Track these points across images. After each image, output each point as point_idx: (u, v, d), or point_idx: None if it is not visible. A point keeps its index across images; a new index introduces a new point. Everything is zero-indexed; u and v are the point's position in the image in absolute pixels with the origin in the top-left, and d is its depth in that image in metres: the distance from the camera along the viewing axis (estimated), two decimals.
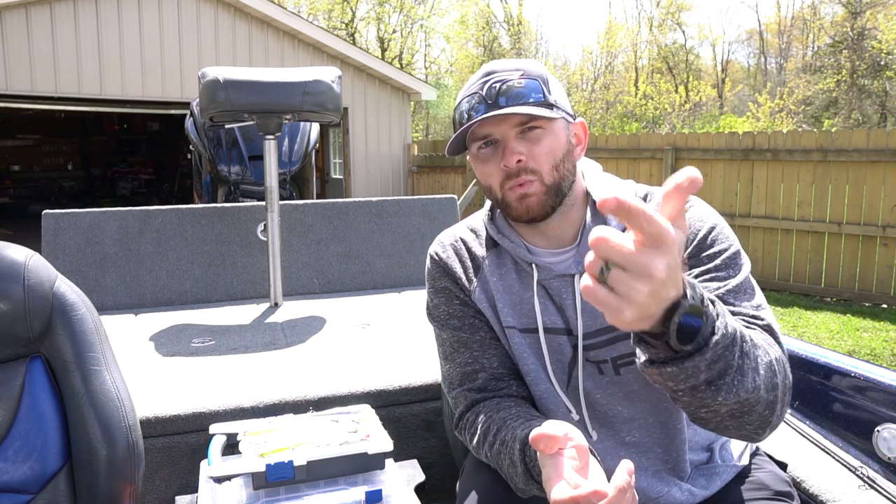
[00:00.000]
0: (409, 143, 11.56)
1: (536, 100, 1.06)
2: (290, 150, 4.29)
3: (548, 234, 1.14)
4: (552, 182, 1.08)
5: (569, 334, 1.12)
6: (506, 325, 1.15)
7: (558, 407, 1.13)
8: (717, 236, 1.06)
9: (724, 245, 1.06)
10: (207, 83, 2.50)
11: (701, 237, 1.06)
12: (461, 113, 1.10)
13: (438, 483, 1.78)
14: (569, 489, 0.78)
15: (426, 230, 3.17)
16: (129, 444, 1.14)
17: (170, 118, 11.78)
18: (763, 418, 0.87)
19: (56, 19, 8.85)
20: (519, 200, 1.08)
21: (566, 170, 1.10)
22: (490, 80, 1.07)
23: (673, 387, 0.77)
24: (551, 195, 1.08)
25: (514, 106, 1.05)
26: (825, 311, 5.98)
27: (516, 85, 1.06)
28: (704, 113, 20.82)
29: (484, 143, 1.10)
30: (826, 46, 20.38)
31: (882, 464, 1.30)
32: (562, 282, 1.12)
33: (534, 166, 1.06)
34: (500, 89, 1.06)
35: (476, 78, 1.11)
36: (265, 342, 2.26)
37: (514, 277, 1.16)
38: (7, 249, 1.11)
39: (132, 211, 2.85)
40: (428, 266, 1.24)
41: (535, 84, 1.07)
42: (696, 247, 1.06)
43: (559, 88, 1.12)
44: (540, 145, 1.06)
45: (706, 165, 7.26)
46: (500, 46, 24.42)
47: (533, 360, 1.14)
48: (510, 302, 1.15)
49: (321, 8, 22.78)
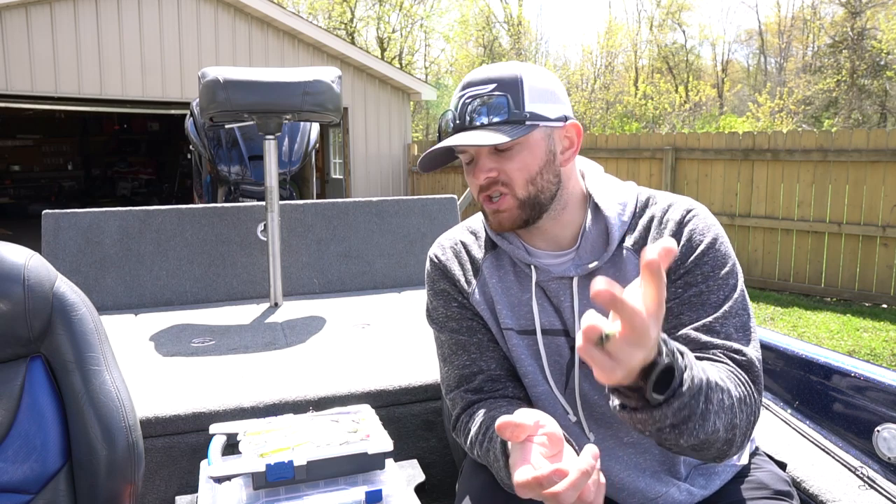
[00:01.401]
0: (409, 143, 11.56)
1: (503, 118, 1.04)
2: (290, 150, 4.29)
3: (544, 235, 1.14)
4: (525, 197, 1.07)
5: (566, 336, 1.12)
6: (504, 327, 1.15)
7: (556, 408, 1.13)
8: (715, 254, 1.06)
9: (721, 262, 1.06)
10: (207, 83, 2.50)
11: (699, 253, 1.06)
12: (440, 127, 1.12)
13: (438, 483, 1.78)
14: (532, 471, 0.78)
15: (426, 230, 3.17)
16: (129, 444, 1.14)
17: (170, 118, 11.79)
18: (721, 451, 0.93)
19: (56, 19, 8.85)
20: (493, 214, 1.10)
21: (545, 181, 1.08)
22: (464, 97, 1.07)
23: (641, 428, 0.83)
24: (525, 209, 1.08)
25: (478, 130, 1.04)
26: (825, 311, 5.98)
27: (487, 101, 1.05)
28: (704, 113, 20.82)
29: (465, 157, 1.11)
30: (826, 46, 20.39)
31: (882, 464, 1.30)
32: (560, 284, 1.12)
33: (505, 179, 1.06)
34: (470, 109, 1.06)
35: (457, 90, 1.11)
36: (265, 342, 2.26)
37: (512, 279, 1.16)
38: (7, 249, 1.11)
39: (132, 211, 2.85)
40: (427, 268, 1.24)
41: (504, 101, 1.04)
42: (693, 261, 1.06)
43: (543, 93, 1.07)
44: (512, 161, 1.06)
45: (706, 165, 7.26)
46: (500, 46, 24.41)
47: (530, 361, 1.14)
48: (508, 303, 1.15)
49: (321, 7, 22.77)
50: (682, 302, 1.05)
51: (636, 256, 1.09)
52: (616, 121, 20.76)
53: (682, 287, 1.05)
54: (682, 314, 1.05)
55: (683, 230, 1.08)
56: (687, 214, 1.10)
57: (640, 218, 1.13)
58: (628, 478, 1.10)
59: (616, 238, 1.10)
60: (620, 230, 1.11)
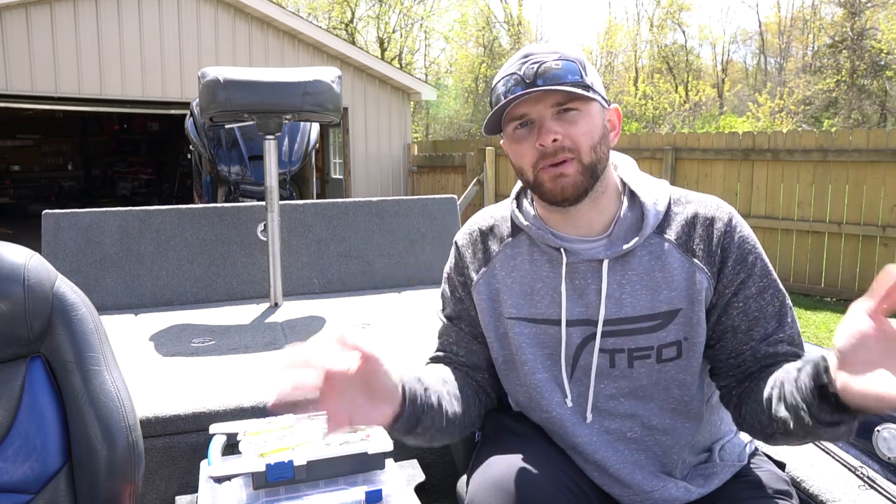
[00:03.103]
0: (409, 143, 11.56)
1: (573, 81, 1.06)
2: (290, 150, 4.29)
3: (577, 221, 1.13)
4: (589, 162, 1.07)
5: (583, 324, 1.12)
6: (508, 316, 1.15)
7: (553, 395, 1.13)
8: (763, 263, 1.12)
9: (767, 268, 1.12)
10: (207, 83, 2.50)
11: (750, 263, 1.11)
12: (497, 95, 1.10)
13: (438, 483, 1.78)
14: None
15: (426, 230, 3.17)
16: (129, 444, 1.14)
17: (170, 118, 11.79)
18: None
19: (56, 19, 8.84)
20: (553, 180, 1.07)
21: (602, 153, 1.10)
22: (528, 62, 1.07)
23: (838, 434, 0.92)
24: (587, 176, 1.07)
25: (552, 86, 1.05)
26: (825, 311, 5.98)
27: (554, 66, 1.05)
28: (704, 113, 20.81)
29: (520, 124, 1.09)
30: (826, 46, 20.38)
31: (882, 464, 1.30)
32: (588, 266, 1.11)
33: (570, 145, 1.06)
34: (538, 70, 1.05)
35: (514, 60, 1.10)
36: (265, 342, 2.26)
37: (527, 268, 1.16)
38: (7, 249, 1.11)
39: (132, 211, 2.85)
40: (452, 250, 1.29)
41: (573, 66, 1.07)
42: (746, 272, 1.10)
43: (595, 73, 1.12)
44: (577, 126, 1.06)
45: (706, 165, 7.26)
46: (500, 46, 24.41)
47: (532, 350, 1.13)
48: (521, 292, 1.15)
49: (321, 7, 22.77)
50: (749, 318, 1.09)
51: (680, 252, 1.11)
52: None
53: (743, 301, 1.09)
54: (752, 330, 1.08)
55: (734, 236, 1.11)
56: (732, 219, 1.13)
57: (677, 213, 1.14)
58: (625, 471, 1.10)
59: (651, 224, 1.11)
60: (656, 218, 1.11)
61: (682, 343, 1.10)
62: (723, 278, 1.10)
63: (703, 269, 1.10)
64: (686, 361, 1.10)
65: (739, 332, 1.09)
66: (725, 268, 1.09)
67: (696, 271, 1.10)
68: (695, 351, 1.10)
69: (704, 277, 1.09)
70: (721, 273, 1.10)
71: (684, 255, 1.11)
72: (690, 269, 1.10)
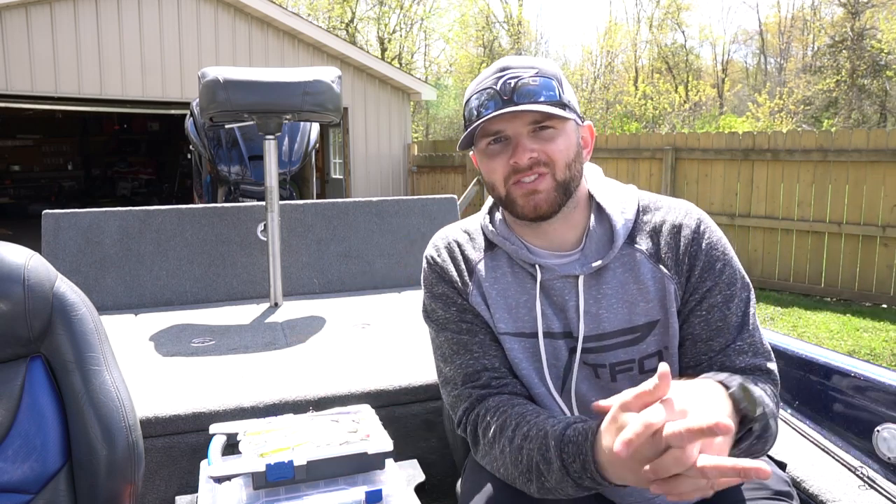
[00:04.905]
0: (409, 143, 11.56)
1: (550, 98, 1.05)
2: (290, 150, 4.29)
3: (549, 236, 1.13)
4: (563, 179, 1.07)
5: (566, 337, 1.12)
6: (499, 332, 1.14)
7: (553, 410, 1.12)
8: (732, 271, 1.11)
9: (734, 277, 1.11)
10: (207, 83, 2.50)
11: (717, 271, 1.09)
12: (471, 109, 1.09)
13: (438, 483, 1.78)
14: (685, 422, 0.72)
15: (426, 230, 3.17)
16: (129, 444, 1.13)
17: (170, 118, 11.79)
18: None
19: (56, 19, 8.84)
20: (526, 197, 1.07)
21: (576, 170, 1.09)
22: (504, 76, 1.06)
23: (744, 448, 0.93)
24: (560, 193, 1.07)
25: (529, 104, 1.04)
26: (825, 311, 5.98)
27: (531, 83, 1.05)
28: (704, 113, 20.80)
29: (494, 140, 1.08)
30: (826, 46, 20.37)
31: (882, 464, 1.30)
32: (565, 283, 1.11)
33: (546, 160, 1.06)
34: (515, 86, 1.04)
35: (489, 73, 1.09)
36: (265, 342, 2.26)
37: (509, 281, 1.15)
38: (7, 249, 1.11)
39: (132, 211, 2.85)
40: (424, 269, 1.22)
41: (550, 83, 1.06)
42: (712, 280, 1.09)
43: (571, 90, 1.11)
44: (554, 143, 1.06)
45: (706, 165, 7.26)
46: (500, 46, 24.40)
47: (527, 364, 1.13)
48: (505, 306, 1.14)
49: (321, 7, 22.77)
50: (711, 327, 1.07)
51: (651, 262, 1.10)
52: (616, 121, 20.75)
53: (707, 310, 1.08)
54: (712, 339, 1.07)
55: (702, 242, 1.10)
56: (700, 225, 1.11)
57: (646, 221, 1.13)
58: None
59: (621, 237, 1.10)
60: (625, 229, 1.11)
61: (663, 353, 1.10)
62: (689, 286, 1.09)
63: (671, 278, 1.10)
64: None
65: (699, 342, 1.08)
66: (693, 275, 1.09)
67: (666, 280, 1.09)
68: (675, 359, 1.11)
69: (673, 285, 1.09)
70: (688, 281, 1.09)
71: (654, 264, 1.10)
72: (661, 278, 1.10)
